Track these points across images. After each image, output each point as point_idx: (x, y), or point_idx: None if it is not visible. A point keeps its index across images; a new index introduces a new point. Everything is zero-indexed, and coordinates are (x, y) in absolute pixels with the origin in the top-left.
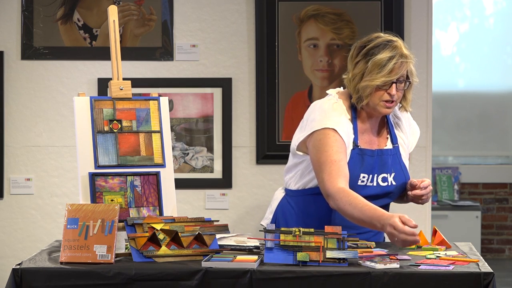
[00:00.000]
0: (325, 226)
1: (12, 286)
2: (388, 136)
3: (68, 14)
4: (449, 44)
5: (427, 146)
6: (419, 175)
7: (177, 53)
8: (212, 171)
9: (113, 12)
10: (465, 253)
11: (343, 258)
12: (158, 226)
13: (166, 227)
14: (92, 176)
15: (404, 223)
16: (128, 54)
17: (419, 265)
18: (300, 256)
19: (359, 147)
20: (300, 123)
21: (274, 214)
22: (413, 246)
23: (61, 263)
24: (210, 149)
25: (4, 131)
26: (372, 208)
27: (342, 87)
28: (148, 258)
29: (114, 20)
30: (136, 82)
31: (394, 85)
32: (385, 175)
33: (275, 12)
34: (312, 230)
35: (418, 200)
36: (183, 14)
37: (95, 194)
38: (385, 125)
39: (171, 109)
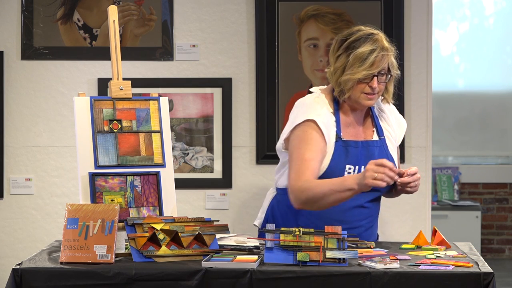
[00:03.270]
0: (325, 226)
1: (12, 286)
2: (374, 128)
3: (68, 14)
4: (449, 44)
5: (427, 146)
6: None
7: (177, 53)
8: (212, 171)
9: (113, 12)
10: (465, 253)
11: (343, 258)
12: (158, 226)
13: (166, 227)
14: (92, 176)
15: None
16: (128, 54)
17: (419, 265)
18: (300, 256)
19: (343, 139)
20: (287, 123)
21: (266, 213)
22: (413, 246)
23: (61, 263)
24: (210, 149)
25: (4, 131)
26: (338, 178)
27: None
28: (148, 258)
29: (114, 20)
30: (136, 82)
31: (375, 78)
32: None
33: (275, 12)
34: (312, 230)
35: (407, 188)
36: (183, 14)
37: (95, 194)
38: (370, 118)
39: (171, 109)
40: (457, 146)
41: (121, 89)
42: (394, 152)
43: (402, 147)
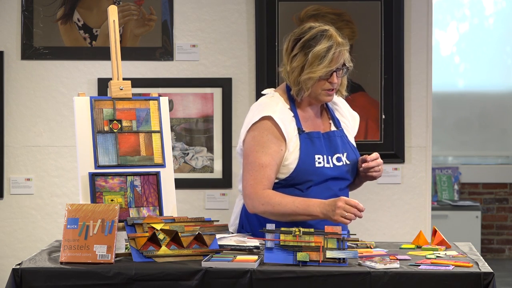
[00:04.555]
0: (325, 226)
1: (12, 286)
2: (331, 120)
3: (68, 14)
4: (448, 44)
5: (427, 146)
6: (419, 175)
7: (177, 53)
8: (212, 171)
9: (113, 12)
10: (465, 253)
11: (343, 258)
12: (158, 226)
13: (166, 227)
14: (92, 176)
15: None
16: (128, 54)
17: (419, 265)
18: (300, 256)
19: (305, 131)
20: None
21: (240, 219)
22: (413, 246)
23: (61, 263)
24: (210, 149)
25: (4, 131)
26: (304, 199)
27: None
28: (148, 258)
29: (114, 20)
30: (136, 82)
31: (334, 73)
32: (338, 155)
33: (275, 12)
34: (312, 230)
35: (369, 173)
36: (183, 14)
37: (95, 194)
38: (325, 111)
39: (171, 109)
40: (457, 146)
41: (121, 89)
42: (353, 141)
43: (402, 147)
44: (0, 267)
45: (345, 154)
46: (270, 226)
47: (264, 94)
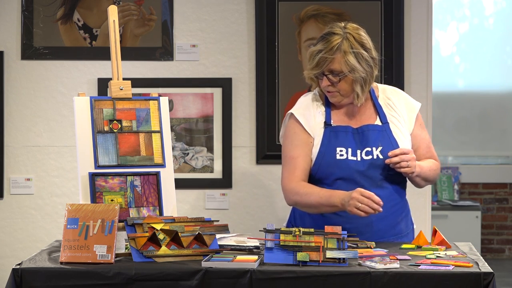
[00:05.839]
0: (325, 226)
1: (12, 286)
2: (377, 115)
3: (68, 14)
4: (449, 44)
5: None
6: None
7: (177, 53)
8: (212, 171)
9: (113, 12)
10: (465, 253)
11: (343, 258)
12: (158, 226)
13: (166, 227)
14: (92, 176)
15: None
16: (128, 54)
17: (419, 265)
18: (300, 256)
19: (332, 125)
20: None
21: (290, 218)
22: (413, 246)
23: (61, 263)
24: (210, 149)
25: (4, 131)
26: (328, 190)
27: None
28: (148, 258)
29: (114, 20)
30: (136, 82)
31: (325, 77)
32: (368, 148)
33: (275, 12)
34: (312, 230)
35: (397, 169)
36: (183, 14)
37: (95, 194)
38: (372, 106)
39: (171, 109)
40: (457, 146)
41: (121, 89)
42: (402, 137)
43: None
44: (0, 267)
45: (379, 148)
46: (270, 226)
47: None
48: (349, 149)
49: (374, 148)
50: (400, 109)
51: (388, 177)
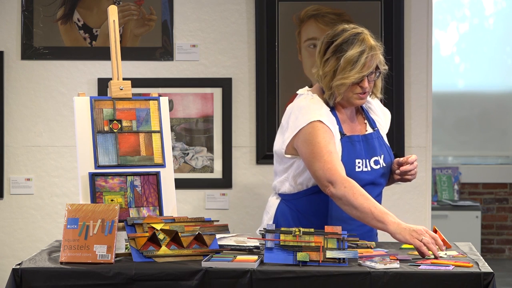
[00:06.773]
0: (325, 226)
1: (12, 286)
2: (366, 121)
3: (68, 14)
4: (448, 44)
5: (427, 146)
6: (419, 175)
7: (177, 53)
8: (212, 171)
9: (113, 12)
10: (465, 253)
11: (343, 258)
12: (158, 226)
13: (166, 227)
14: (92, 176)
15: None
16: (128, 54)
17: (419, 265)
18: (300, 256)
19: (346, 135)
20: (279, 129)
21: (274, 220)
22: (413, 246)
23: (61, 263)
24: (210, 149)
25: (4, 131)
26: (383, 209)
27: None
28: (148, 258)
29: (114, 20)
30: (136, 82)
31: (366, 78)
32: (376, 158)
33: (275, 12)
34: (312, 230)
35: (406, 176)
36: (183, 14)
37: (95, 194)
38: (360, 112)
39: (171, 109)
40: (457, 146)
41: (121, 89)
42: (387, 141)
43: (402, 147)
44: (0, 267)
45: (382, 157)
46: (270, 226)
47: (298, 94)
48: (364, 160)
49: (379, 157)
50: (379, 114)
51: (383, 185)
